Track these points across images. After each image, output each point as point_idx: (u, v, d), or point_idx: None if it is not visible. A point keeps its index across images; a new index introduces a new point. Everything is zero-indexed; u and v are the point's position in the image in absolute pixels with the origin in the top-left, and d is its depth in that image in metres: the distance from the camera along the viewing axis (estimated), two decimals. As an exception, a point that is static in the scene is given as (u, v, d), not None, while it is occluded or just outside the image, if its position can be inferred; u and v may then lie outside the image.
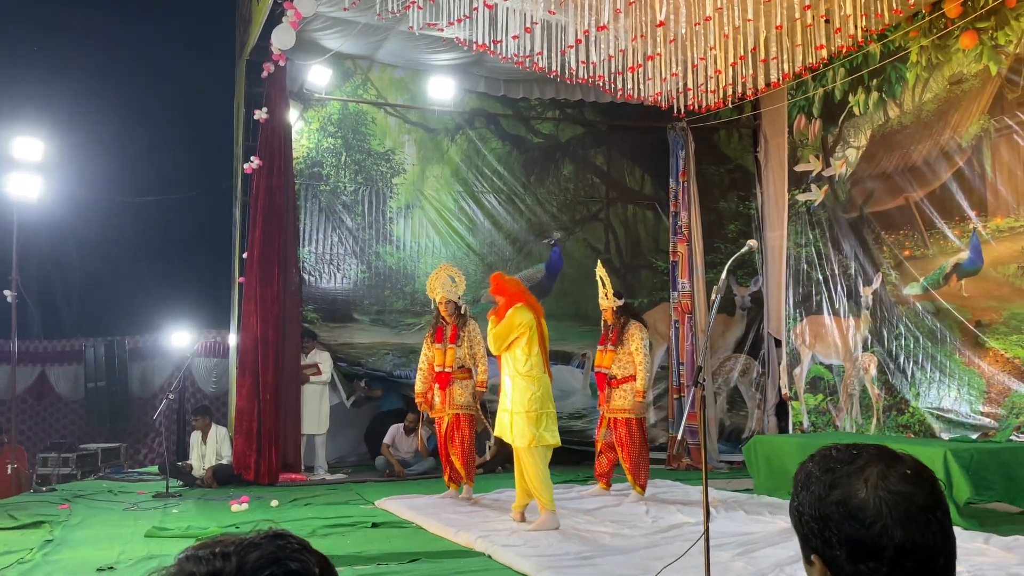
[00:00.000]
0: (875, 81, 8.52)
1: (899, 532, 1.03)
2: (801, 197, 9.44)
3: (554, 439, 5.67)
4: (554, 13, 6.87)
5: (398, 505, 6.50)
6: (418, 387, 7.15)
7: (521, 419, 5.56)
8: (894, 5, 6.38)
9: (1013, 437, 6.82)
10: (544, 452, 5.65)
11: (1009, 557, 4.49)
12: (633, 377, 6.71)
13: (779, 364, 9.85)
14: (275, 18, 8.15)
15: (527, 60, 7.48)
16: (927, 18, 7.74)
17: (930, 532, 1.04)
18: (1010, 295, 7.12)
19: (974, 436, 7.11)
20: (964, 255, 7.55)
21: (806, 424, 9.12)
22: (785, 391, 9.48)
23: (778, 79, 7.28)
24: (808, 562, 1.12)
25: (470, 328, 7.01)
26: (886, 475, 1.07)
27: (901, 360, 8.13)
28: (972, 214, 7.48)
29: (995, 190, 7.32)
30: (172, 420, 10.33)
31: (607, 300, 6.86)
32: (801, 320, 9.33)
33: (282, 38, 8.17)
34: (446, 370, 6.92)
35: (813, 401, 9.09)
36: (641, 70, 7.51)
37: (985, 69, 7.37)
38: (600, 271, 6.94)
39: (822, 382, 9.02)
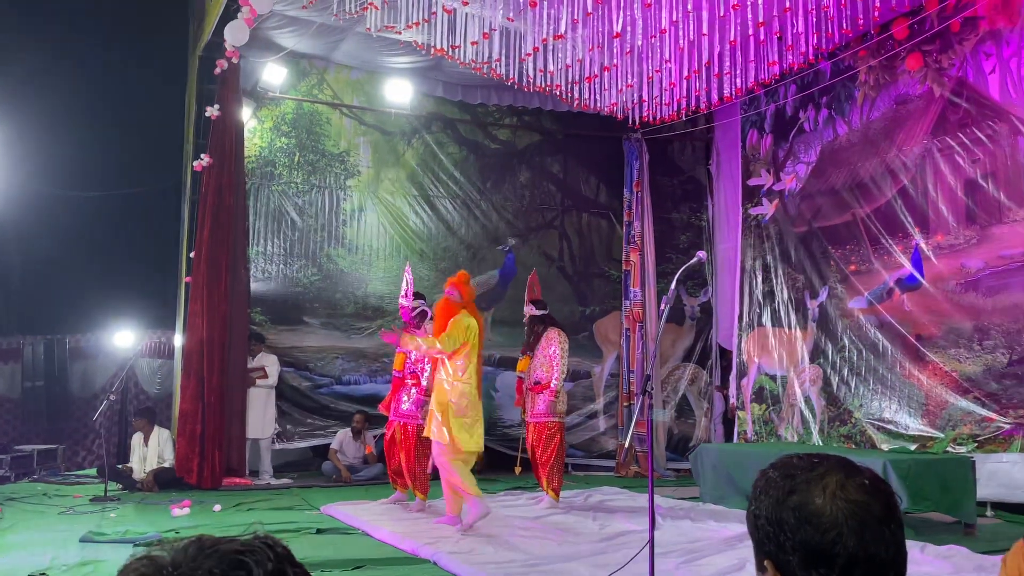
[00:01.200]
0: (825, 99, 8.71)
1: (853, 541, 1.04)
2: (753, 211, 9.61)
3: (480, 445, 5.97)
4: (512, 20, 6.89)
5: (344, 511, 6.42)
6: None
7: (456, 424, 5.76)
8: (844, 25, 6.54)
9: (949, 449, 7.01)
10: (470, 457, 5.93)
11: (944, 566, 4.61)
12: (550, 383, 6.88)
13: (730, 374, 9.99)
14: (229, 14, 8.01)
15: (485, 66, 7.49)
16: (875, 39, 7.95)
17: (883, 544, 1.06)
18: (949, 310, 7.32)
19: (912, 447, 7.29)
20: (906, 270, 7.75)
21: (750, 433, 9.26)
22: (732, 400, 9.62)
23: (731, 94, 7.40)
24: (761, 567, 1.13)
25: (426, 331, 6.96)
26: (845, 484, 1.08)
27: (845, 372, 8.30)
28: (915, 231, 7.69)
29: (936, 208, 7.53)
30: (113, 422, 10.07)
31: (528, 307, 7.17)
32: (750, 331, 9.48)
33: (236, 35, 8.04)
34: (398, 374, 6.90)
35: (758, 411, 9.24)
36: (598, 80, 7.57)
37: (930, 90, 7.59)
38: (532, 279, 7.24)
39: (768, 393, 9.17)
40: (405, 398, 6.81)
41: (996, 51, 7.01)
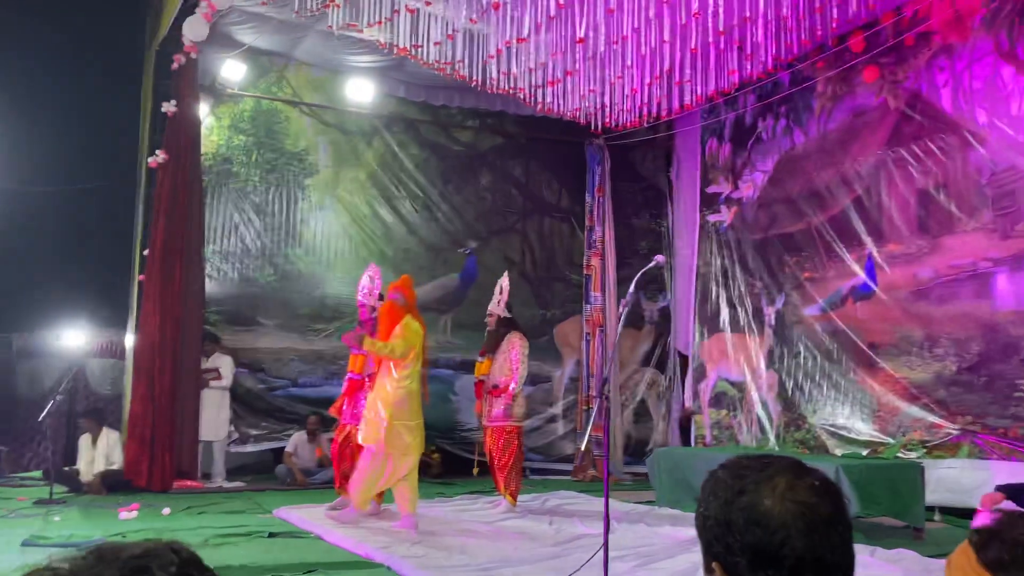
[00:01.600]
0: (783, 108, 8.83)
1: (801, 542, 1.03)
2: (712, 218, 9.70)
3: (422, 449, 6.05)
4: (476, 22, 6.87)
5: (297, 514, 6.32)
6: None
7: (398, 427, 5.79)
8: (803, 36, 6.63)
9: (900, 454, 7.14)
10: (415, 461, 5.96)
11: (893, 569, 4.68)
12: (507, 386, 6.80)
13: (684, 378, 10.07)
14: (188, 8, 7.87)
15: (448, 67, 7.46)
16: (833, 50, 8.08)
17: (831, 546, 1.05)
18: (901, 318, 7.46)
19: (864, 452, 7.41)
20: (860, 279, 7.89)
21: (708, 438, 9.34)
22: (688, 404, 9.67)
23: (691, 102, 7.46)
24: (708, 569, 1.12)
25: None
26: (794, 485, 1.08)
27: (799, 378, 8.42)
28: (868, 240, 7.83)
29: (890, 217, 7.68)
30: (61, 423, 9.80)
31: (498, 307, 6.95)
32: (708, 337, 9.56)
33: (195, 30, 7.91)
34: (356, 376, 6.78)
35: (716, 415, 9.32)
36: (560, 85, 7.58)
37: (885, 102, 7.74)
38: (505, 281, 7.04)
39: (726, 397, 9.26)
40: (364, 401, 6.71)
41: (949, 65, 7.17)
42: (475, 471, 7.49)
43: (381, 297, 6.73)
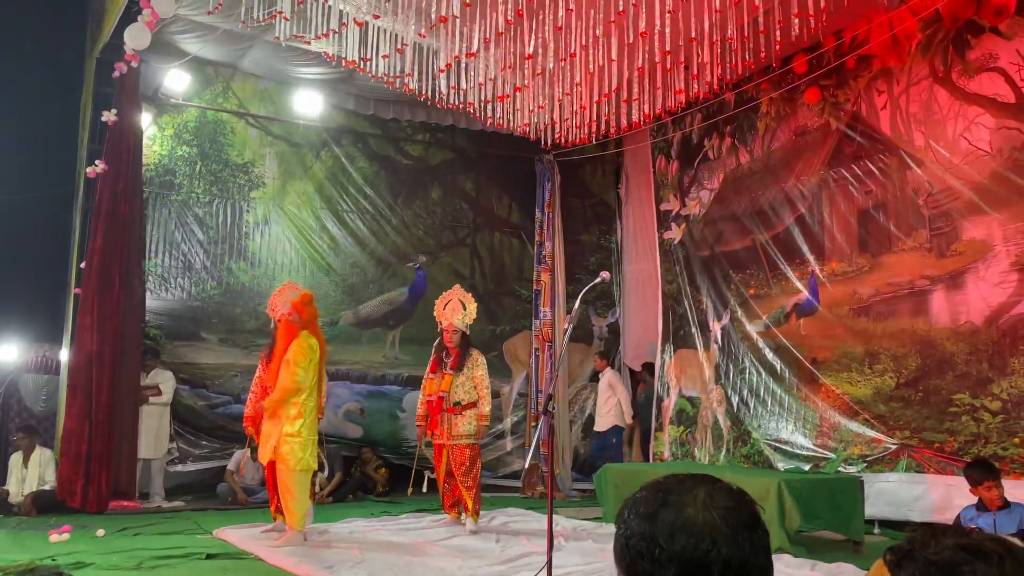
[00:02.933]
0: (729, 128, 8.98)
1: (726, 548, 1.06)
2: (665, 235, 9.80)
3: (313, 465, 6.02)
4: (425, 36, 6.85)
5: (237, 535, 6.16)
6: (247, 410, 6.57)
7: (294, 443, 5.81)
8: (748, 57, 6.75)
9: (840, 469, 7.26)
10: (307, 476, 5.96)
11: (833, 584, 4.73)
12: (474, 404, 6.71)
13: (634, 393, 10.09)
14: (130, 16, 7.70)
15: (397, 81, 7.41)
16: (777, 72, 8.25)
17: (754, 549, 1.08)
18: (843, 335, 7.61)
19: (807, 467, 7.51)
20: (803, 296, 8.03)
21: (667, 455, 9.35)
22: (628, 420, 9.58)
23: (639, 119, 7.54)
24: None
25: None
26: (712, 494, 1.11)
27: (745, 393, 8.52)
28: (811, 258, 7.98)
29: (832, 236, 7.84)
30: (-10, 440, 9.43)
31: (462, 324, 6.79)
32: (673, 354, 9.57)
33: (136, 38, 7.73)
34: None
35: (675, 432, 9.36)
36: (510, 100, 7.59)
37: (826, 123, 7.92)
38: (464, 296, 6.95)
39: (684, 414, 9.30)
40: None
41: (887, 88, 7.37)
42: (410, 491, 7.41)
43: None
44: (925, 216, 7.02)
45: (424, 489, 6.94)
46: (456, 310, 6.78)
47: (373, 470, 9.27)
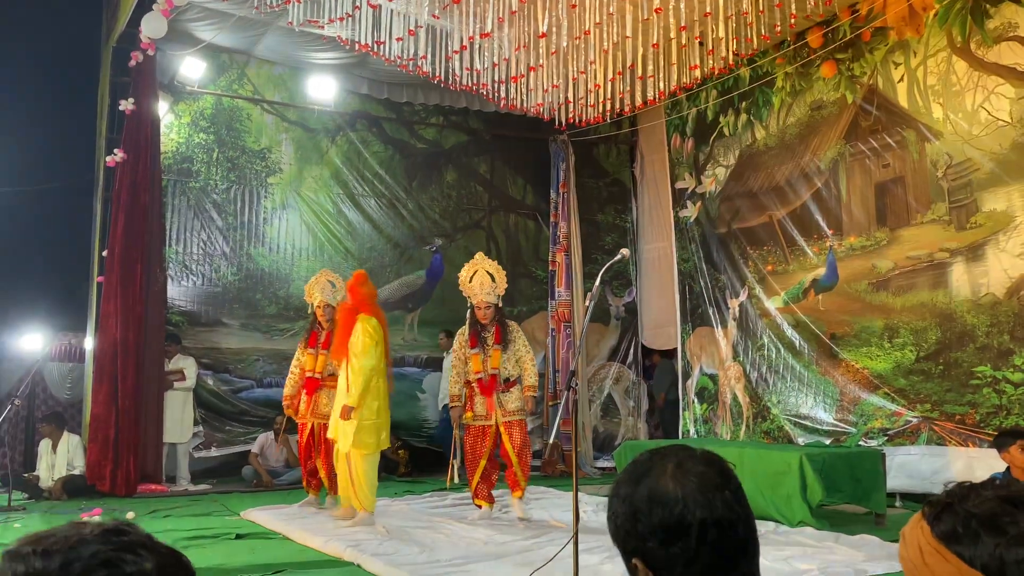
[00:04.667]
0: (744, 104, 8.94)
1: (699, 510, 1.10)
2: (681, 213, 9.78)
3: (386, 445, 6.07)
4: (438, 18, 6.85)
5: (264, 515, 6.26)
6: (286, 390, 6.96)
7: (366, 426, 5.81)
8: (763, 31, 6.72)
9: (861, 442, 7.27)
10: (376, 459, 5.97)
11: (857, 555, 4.76)
12: (518, 380, 6.33)
13: (652, 372, 10.13)
14: (145, 4, 7.74)
15: (411, 64, 7.42)
16: (792, 46, 8.20)
17: (725, 505, 1.12)
18: (861, 310, 7.60)
19: (827, 442, 7.53)
20: (821, 271, 8.01)
21: (692, 432, 9.40)
22: (659, 398, 9.62)
23: (654, 97, 7.51)
24: (631, 569, 1.16)
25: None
26: (682, 463, 1.16)
27: (764, 370, 8.53)
28: (829, 233, 7.96)
29: (849, 211, 7.81)
30: (19, 428, 9.60)
31: (492, 296, 6.25)
32: (692, 332, 9.59)
33: (152, 26, 7.78)
34: (316, 376, 6.80)
35: (700, 410, 9.39)
36: (524, 80, 7.59)
37: (843, 97, 7.87)
38: (490, 265, 6.37)
39: (707, 392, 9.33)
40: (325, 399, 6.74)
41: (904, 60, 7.31)
42: (449, 481, 6.70)
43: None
44: (944, 188, 6.98)
45: (456, 479, 6.59)
46: (485, 283, 6.27)
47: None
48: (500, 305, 6.34)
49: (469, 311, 6.31)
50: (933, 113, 7.06)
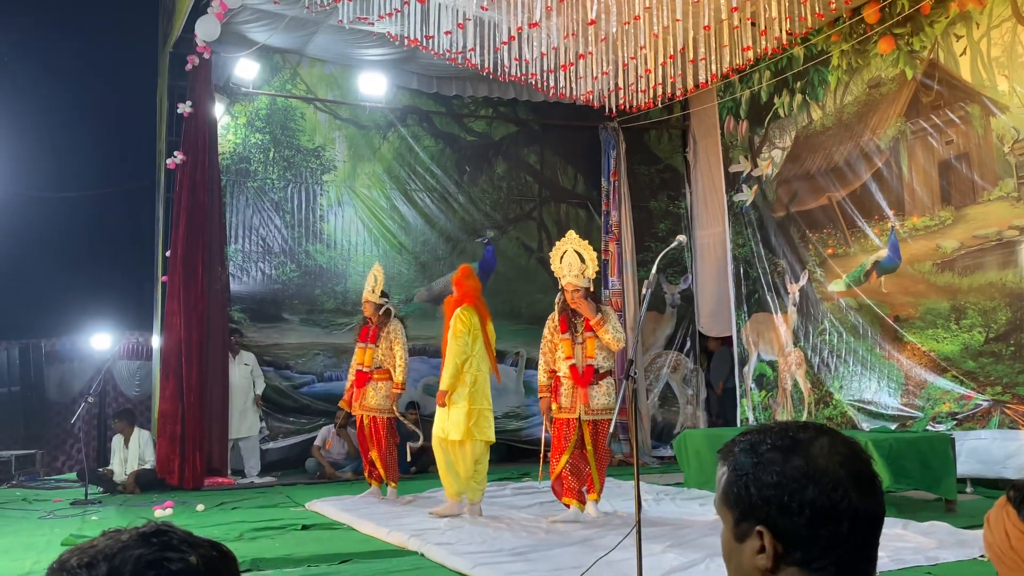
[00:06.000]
0: (799, 83, 8.75)
1: (855, 497, 1.05)
2: (736, 198, 9.63)
3: (484, 436, 5.94)
4: (486, 9, 6.85)
5: (329, 506, 6.39)
6: (347, 384, 7.27)
7: (458, 415, 5.85)
8: (817, 9, 6.57)
9: (929, 427, 7.09)
10: (476, 447, 5.91)
11: (927, 542, 4.65)
12: (609, 372, 5.75)
13: (710, 361, 9.99)
14: (200, 8, 7.91)
15: (459, 57, 7.45)
16: (847, 23, 7.99)
17: (876, 499, 1.08)
18: (926, 291, 7.40)
19: (893, 427, 7.36)
20: (883, 253, 7.82)
21: (751, 420, 9.28)
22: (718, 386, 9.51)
23: (706, 80, 7.41)
24: (744, 536, 1.09)
25: (390, 328, 7.01)
26: (835, 444, 1.10)
27: (825, 354, 8.37)
28: (890, 213, 7.75)
29: (911, 190, 7.60)
30: (92, 425, 9.94)
31: (582, 279, 5.65)
32: (748, 318, 9.46)
33: (207, 30, 7.95)
34: (364, 369, 7.00)
35: (758, 397, 9.27)
36: (573, 68, 7.55)
37: (901, 73, 7.64)
38: (580, 244, 5.80)
39: (765, 379, 9.20)
40: (372, 392, 6.94)
41: (967, 32, 7.07)
42: (541, 477, 6.11)
43: (384, 295, 7.07)
44: (1011, 164, 6.74)
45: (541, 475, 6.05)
46: (574, 264, 5.67)
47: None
48: (591, 289, 5.77)
49: (560, 294, 5.80)
50: (998, 86, 6.81)
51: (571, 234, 5.94)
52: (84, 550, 0.90)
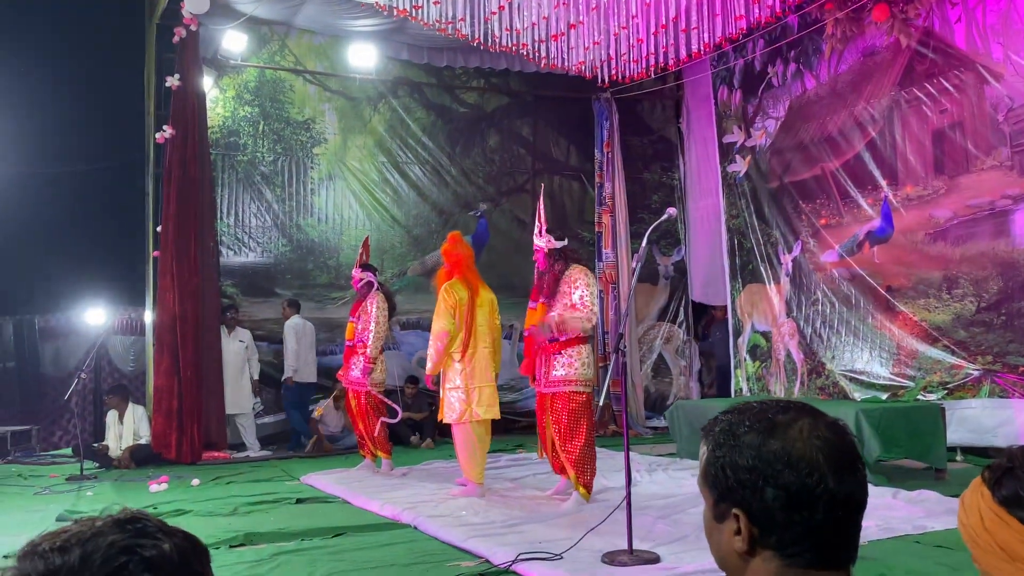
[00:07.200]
0: (793, 53, 8.68)
1: (832, 481, 1.04)
2: (729, 168, 9.59)
3: (486, 413, 5.66)
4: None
5: (324, 480, 6.42)
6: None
7: (451, 395, 5.72)
8: (810, -24, 6.49)
9: (920, 397, 7.13)
10: (472, 427, 5.67)
11: (915, 510, 4.70)
12: (580, 340, 5.15)
13: (707, 331, 10.00)
14: (186, -20, 7.80)
15: (449, 27, 7.36)
16: (842, -10, 7.90)
17: (857, 483, 1.06)
18: (918, 261, 7.40)
19: (884, 396, 7.40)
20: (876, 223, 7.80)
21: (745, 390, 9.32)
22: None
23: (699, 49, 7.34)
24: (721, 517, 1.09)
25: (368, 302, 6.97)
26: (816, 427, 1.08)
27: (818, 325, 8.39)
28: (884, 183, 7.73)
29: (905, 160, 7.57)
30: (88, 400, 9.96)
31: (539, 238, 5.38)
32: (742, 289, 9.45)
33: (195, 2, 7.84)
34: (348, 344, 7.10)
35: (752, 368, 9.30)
36: (564, 38, 7.47)
37: (896, 41, 7.58)
38: (540, 204, 5.56)
39: (759, 349, 9.23)
40: (353, 366, 6.96)
41: (962, 0, 6.99)
42: (540, 453, 5.76)
43: (365, 267, 7.05)
44: (1005, 132, 6.71)
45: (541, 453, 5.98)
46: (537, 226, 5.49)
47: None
48: (555, 247, 5.41)
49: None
50: (993, 54, 6.76)
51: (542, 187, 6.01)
52: (57, 534, 0.89)
